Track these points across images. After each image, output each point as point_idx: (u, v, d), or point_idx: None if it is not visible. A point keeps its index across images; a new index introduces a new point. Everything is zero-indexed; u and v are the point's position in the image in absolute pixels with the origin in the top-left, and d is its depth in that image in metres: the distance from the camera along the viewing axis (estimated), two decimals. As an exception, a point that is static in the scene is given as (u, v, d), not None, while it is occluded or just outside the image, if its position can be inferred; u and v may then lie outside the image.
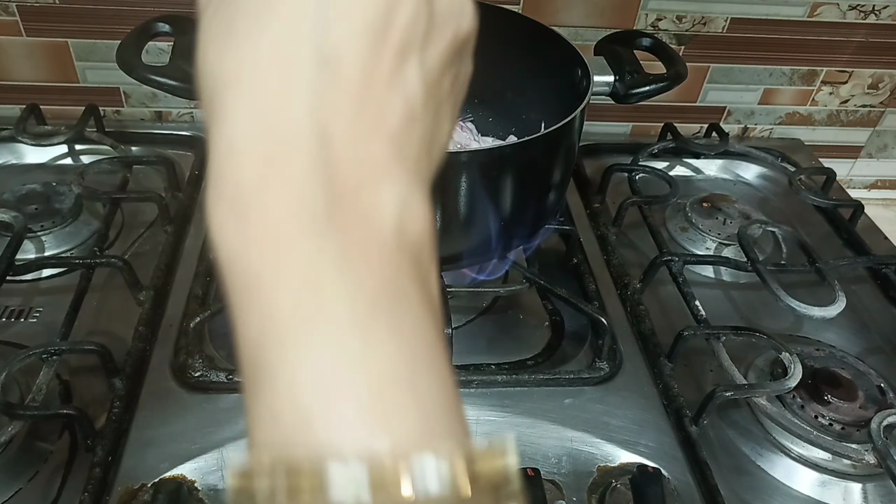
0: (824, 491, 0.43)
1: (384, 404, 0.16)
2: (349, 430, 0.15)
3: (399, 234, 0.18)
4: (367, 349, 0.16)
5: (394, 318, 0.17)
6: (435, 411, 0.17)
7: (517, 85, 0.58)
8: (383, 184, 0.18)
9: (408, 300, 0.17)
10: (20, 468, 0.39)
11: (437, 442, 0.16)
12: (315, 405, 0.16)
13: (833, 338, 0.53)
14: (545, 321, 0.52)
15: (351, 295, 0.16)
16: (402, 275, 0.17)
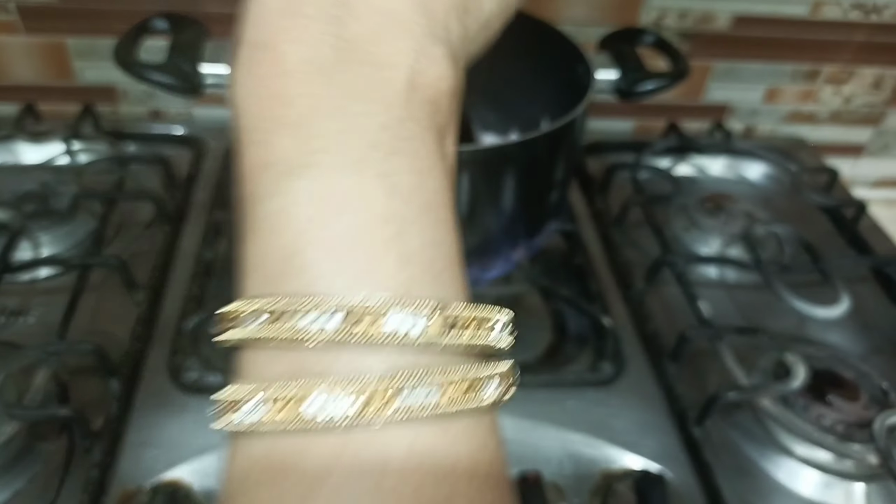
0: (827, 492, 0.42)
1: (368, 251, 0.16)
2: (330, 275, 0.15)
3: (409, 86, 0.17)
4: (355, 193, 0.16)
5: (391, 165, 0.17)
6: (422, 264, 0.16)
7: (519, 82, 0.57)
8: (399, 35, 0.18)
9: (411, 150, 0.17)
10: (18, 469, 0.39)
11: (417, 296, 0.16)
12: (298, 249, 0.16)
13: (836, 338, 0.53)
14: (547, 322, 0.52)
15: (346, 139, 0.16)
16: (407, 125, 0.17)
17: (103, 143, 0.62)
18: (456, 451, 0.15)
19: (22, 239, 0.51)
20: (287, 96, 0.17)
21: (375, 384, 0.15)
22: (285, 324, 0.15)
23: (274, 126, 0.17)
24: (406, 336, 0.15)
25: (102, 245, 0.53)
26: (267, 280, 0.16)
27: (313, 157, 0.16)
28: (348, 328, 0.15)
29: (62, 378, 0.44)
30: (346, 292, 0.15)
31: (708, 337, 0.48)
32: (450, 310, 0.16)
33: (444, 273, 0.17)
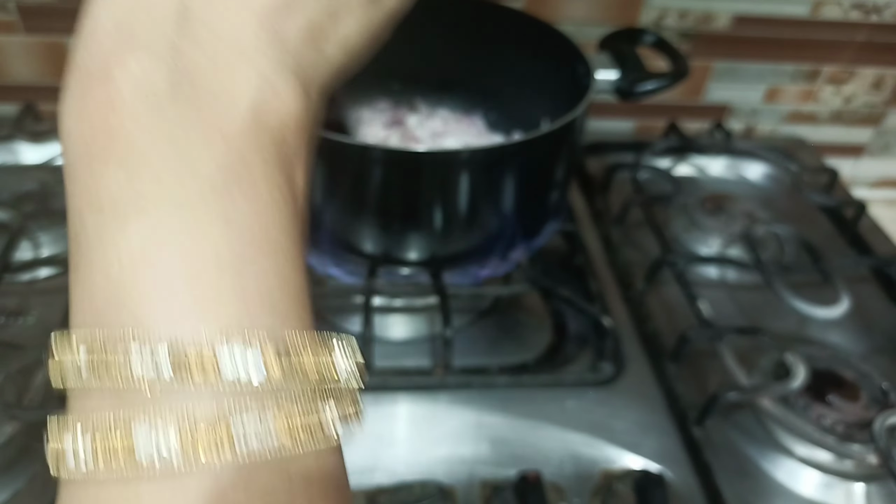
0: (827, 492, 0.42)
1: (200, 288, 0.15)
2: (158, 310, 0.15)
3: (252, 119, 0.17)
4: (191, 231, 0.15)
5: (228, 204, 0.16)
6: (261, 301, 0.16)
7: (519, 82, 0.57)
8: (241, 64, 0.17)
9: (251, 188, 0.16)
10: (18, 469, 0.39)
11: (252, 330, 0.15)
12: (126, 282, 0.15)
13: (836, 338, 0.53)
14: (547, 322, 0.52)
15: (180, 178, 0.15)
16: (248, 161, 0.16)
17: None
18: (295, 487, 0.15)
19: (22, 239, 0.51)
20: (116, 130, 0.16)
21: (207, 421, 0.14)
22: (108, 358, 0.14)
23: (101, 162, 0.16)
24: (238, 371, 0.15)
25: (102, 245, 0.53)
26: (92, 317, 0.15)
27: (143, 200, 0.15)
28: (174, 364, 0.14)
29: (62, 378, 0.44)
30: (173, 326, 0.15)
31: (708, 337, 0.48)
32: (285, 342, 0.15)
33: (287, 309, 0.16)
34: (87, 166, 0.16)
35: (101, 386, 0.15)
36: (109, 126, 0.16)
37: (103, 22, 0.17)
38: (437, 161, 0.42)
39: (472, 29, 0.57)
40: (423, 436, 0.42)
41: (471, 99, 0.60)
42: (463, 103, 0.61)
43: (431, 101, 0.61)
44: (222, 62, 0.17)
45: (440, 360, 0.46)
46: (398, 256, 0.47)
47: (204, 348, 0.14)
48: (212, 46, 0.17)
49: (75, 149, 0.16)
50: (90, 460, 0.14)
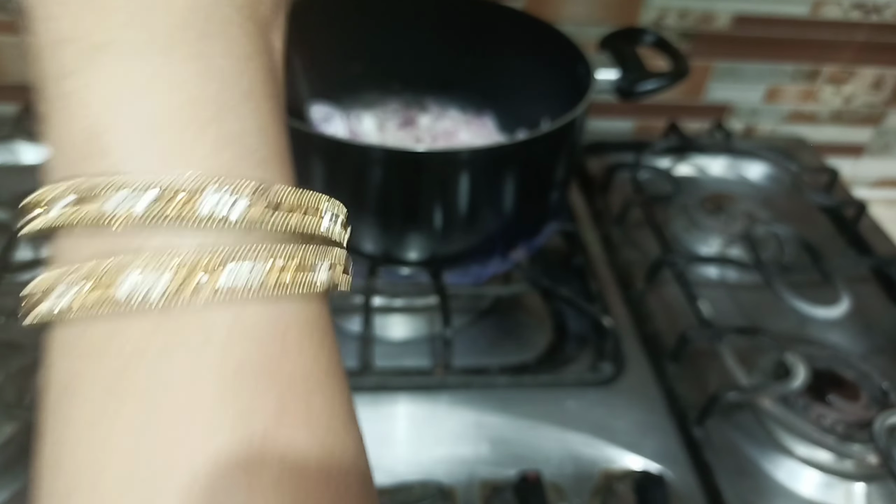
0: (827, 492, 0.42)
1: (180, 132, 0.14)
2: (139, 153, 0.14)
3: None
4: (164, 72, 0.15)
5: (204, 47, 0.15)
6: (244, 148, 0.15)
7: (520, 82, 0.57)
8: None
9: (228, 35, 0.16)
10: (18, 469, 0.39)
11: (241, 180, 0.15)
12: (104, 126, 0.14)
13: (836, 338, 0.53)
14: (547, 322, 0.52)
15: (150, 15, 0.15)
16: (223, 8, 0.16)
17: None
18: (284, 328, 0.15)
19: (22, 239, 0.51)
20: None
21: (193, 261, 0.14)
22: (90, 206, 0.14)
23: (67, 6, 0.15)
24: (226, 215, 0.14)
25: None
26: (69, 164, 0.15)
27: (115, 33, 0.15)
28: (160, 208, 0.14)
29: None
30: (158, 171, 0.14)
31: (708, 337, 0.48)
32: (273, 192, 0.15)
33: (269, 160, 0.16)
34: (54, 14, 0.15)
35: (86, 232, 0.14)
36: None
37: None
38: (437, 161, 0.42)
39: (472, 29, 0.57)
40: (423, 436, 0.42)
41: (470, 99, 0.60)
42: (462, 103, 0.61)
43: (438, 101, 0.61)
44: None
45: (440, 360, 0.46)
46: (398, 256, 0.47)
47: (191, 199, 0.14)
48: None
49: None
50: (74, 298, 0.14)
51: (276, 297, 0.15)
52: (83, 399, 0.14)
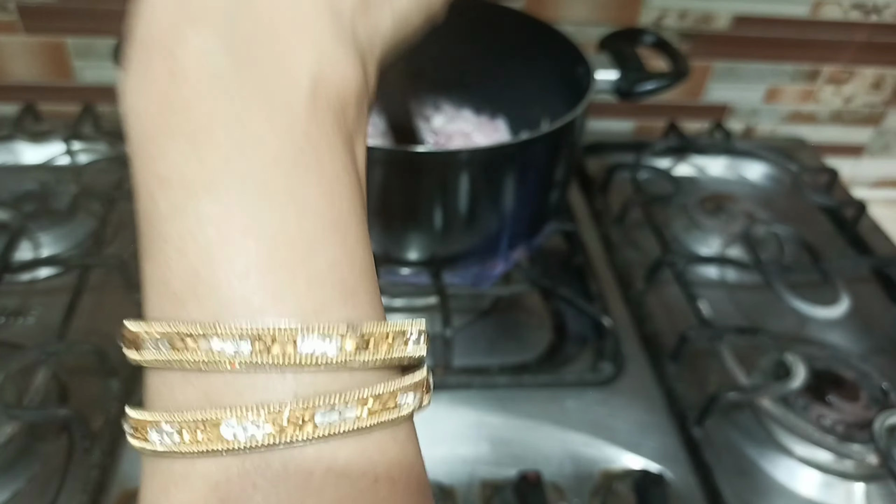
0: (827, 492, 0.42)
1: (275, 274, 0.15)
2: (237, 300, 0.15)
3: (313, 92, 0.16)
4: (261, 213, 0.15)
5: (295, 180, 0.16)
6: (332, 284, 0.16)
7: (519, 83, 0.57)
8: (300, 36, 0.17)
9: (316, 162, 0.16)
10: (18, 469, 0.39)
11: (328, 318, 0.15)
12: (202, 272, 0.15)
13: (836, 338, 0.53)
14: (547, 322, 0.52)
15: (246, 153, 0.15)
16: (311, 135, 0.16)
17: (103, 143, 0.62)
18: (376, 462, 0.15)
19: (22, 239, 0.51)
20: (182, 105, 0.16)
21: (293, 407, 0.14)
22: (198, 346, 0.14)
23: (169, 139, 0.16)
24: (318, 361, 0.15)
25: (102, 245, 0.53)
26: (173, 302, 0.15)
27: (213, 174, 0.15)
28: (255, 357, 0.14)
29: (62, 378, 0.44)
30: (255, 317, 0.15)
31: (708, 337, 0.48)
32: (362, 329, 0.15)
33: (357, 291, 0.16)
34: (154, 142, 0.16)
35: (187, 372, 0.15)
36: (173, 101, 0.16)
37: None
38: (437, 161, 0.42)
39: (471, 29, 0.57)
40: (423, 436, 0.42)
41: (471, 98, 0.60)
42: (462, 103, 0.61)
43: (437, 101, 0.61)
44: (281, 35, 0.17)
45: (440, 360, 0.46)
46: (398, 256, 0.47)
47: (287, 346, 0.15)
48: (269, 20, 0.17)
49: (140, 125, 0.16)
50: (175, 436, 0.14)
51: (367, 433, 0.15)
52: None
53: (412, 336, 0.16)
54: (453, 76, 0.60)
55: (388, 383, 0.16)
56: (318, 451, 0.15)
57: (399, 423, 0.16)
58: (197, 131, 0.15)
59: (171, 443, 0.15)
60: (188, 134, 0.15)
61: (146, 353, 0.15)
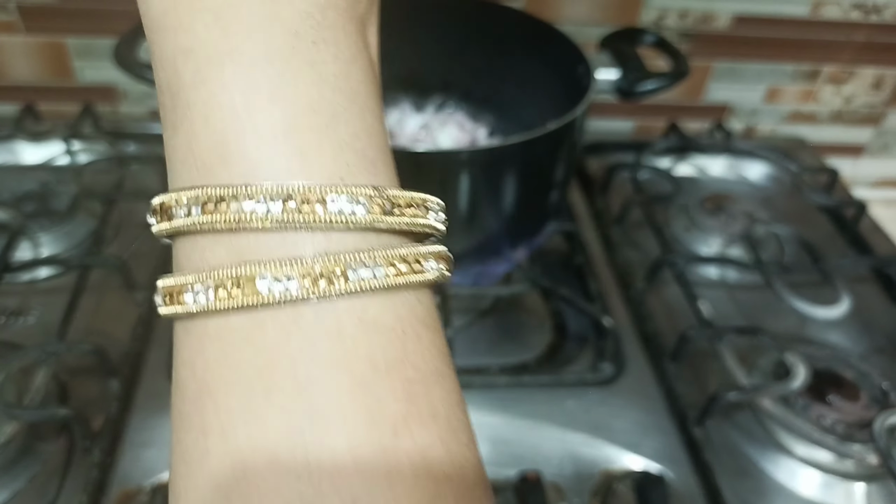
0: (827, 492, 0.42)
1: (301, 138, 0.16)
2: (266, 163, 0.15)
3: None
4: (285, 80, 0.16)
5: (316, 53, 0.16)
6: (355, 151, 0.16)
7: (519, 83, 0.57)
8: None
9: (334, 39, 0.17)
10: (18, 469, 0.39)
11: (354, 181, 0.16)
12: (232, 135, 0.15)
13: (836, 338, 0.53)
14: (547, 322, 0.52)
15: (268, 26, 0.16)
16: (327, 13, 0.17)
17: (103, 143, 0.62)
18: (403, 317, 0.16)
19: (22, 239, 0.51)
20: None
21: (324, 262, 0.15)
22: (228, 207, 0.15)
23: (191, 11, 0.16)
24: (347, 220, 0.15)
25: (102, 245, 0.53)
26: (201, 169, 0.16)
27: (237, 44, 0.16)
28: (288, 215, 0.15)
29: (62, 378, 0.44)
30: (284, 178, 0.15)
31: (708, 337, 0.48)
32: (386, 195, 0.16)
33: (377, 160, 0.17)
34: (175, 14, 0.16)
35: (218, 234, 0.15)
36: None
37: None
38: (436, 161, 0.42)
39: (471, 29, 0.57)
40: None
41: (470, 99, 0.60)
42: (462, 103, 0.61)
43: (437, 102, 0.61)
44: None
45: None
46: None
47: (316, 205, 0.15)
48: None
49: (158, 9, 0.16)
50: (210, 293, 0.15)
51: (393, 293, 0.16)
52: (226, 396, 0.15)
53: (433, 205, 0.17)
54: (453, 76, 0.60)
55: (413, 247, 0.16)
56: (350, 305, 0.15)
57: (423, 287, 0.17)
58: (219, 5, 0.16)
59: (206, 301, 0.15)
60: (210, 8, 0.16)
61: (176, 221, 0.15)
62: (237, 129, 0.15)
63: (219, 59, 0.16)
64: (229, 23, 0.16)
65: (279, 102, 0.15)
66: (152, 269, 0.51)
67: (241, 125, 0.15)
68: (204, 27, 0.16)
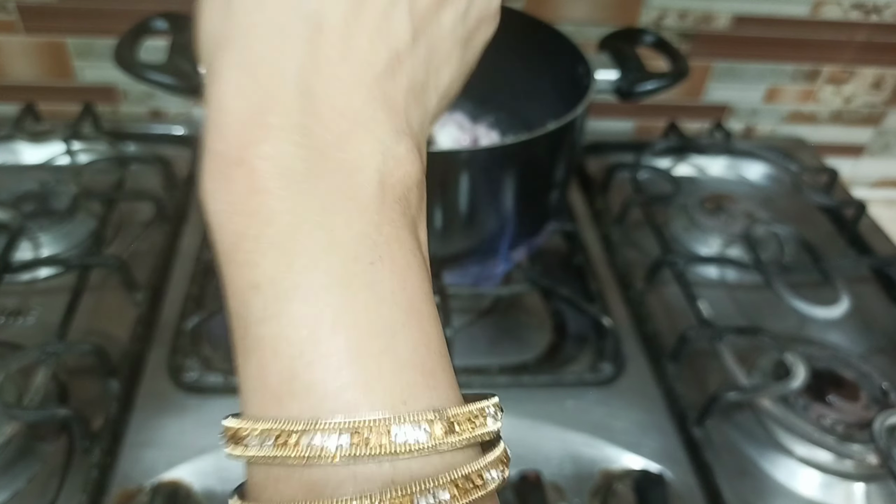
0: (827, 492, 0.42)
1: (364, 366, 0.16)
2: (331, 396, 0.16)
3: (380, 189, 0.18)
4: (346, 308, 0.16)
5: (374, 274, 0.17)
6: (415, 368, 0.17)
7: (519, 83, 0.57)
8: (363, 137, 0.18)
9: (390, 254, 0.17)
10: (18, 469, 0.39)
11: (415, 406, 0.16)
12: (298, 370, 0.16)
13: (836, 338, 0.53)
14: (547, 322, 0.52)
15: (329, 252, 0.17)
16: (383, 229, 0.17)
17: (103, 143, 0.62)
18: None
19: (22, 239, 0.51)
20: (266, 214, 0.17)
21: (391, 494, 0.15)
22: (299, 442, 0.15)
23: (256, 246, 0.17)
24: (412, 446, 0.16)
25: (102, 245, 0.53)
26: (271, 401, 0.16)
27: (301, 278, 0.16)
28: (354, 449, 0.15)
29: (62, 378, 0.44)
30: (350, 411, 0.16)
31: (708, 337, 0.48)
32: (447, 413, 0.16)
33: (436, 370, 0.17)
34: (241, 249, 0.17)
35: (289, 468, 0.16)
36: (255, 208, 0.17)
37: (233, 108, 0.17)
38: (436, 161, 0.42)
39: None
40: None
41: (470, 99, 0.60)
42: (462, 103, 0.61)
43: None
44: (347, 137, 0.18)
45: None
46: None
47: (382, 436, 0.15)
48: (334, 121, 0.18)
49: (225, 233, 0.17)
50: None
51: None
52: None
53: (490, 412, 0.17)
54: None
55: (475, 463, 0.17)
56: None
57: (486, 499, 0.17)
58: (282, 239, 0.17)
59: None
60: (274, 242, 0.17)
61: (250, 450, 0.16)
62: (304, 363, 0.16)
63: (285, 294, 0.16)
64: (293, 258, 0.16)
65: (342, 332, 0.16)
66: (152, 269, 0.52)
67: (308, 359, 0.16)
68: (268, 262, 0.16)
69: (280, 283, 0.16)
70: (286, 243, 0.16)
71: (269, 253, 0.16)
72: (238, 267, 0.17)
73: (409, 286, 0.17)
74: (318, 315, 0.16)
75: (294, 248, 0.16)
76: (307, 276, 0.16)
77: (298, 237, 0.17)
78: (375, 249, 0.17)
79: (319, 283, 0.16)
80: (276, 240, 0.17)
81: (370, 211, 0.17)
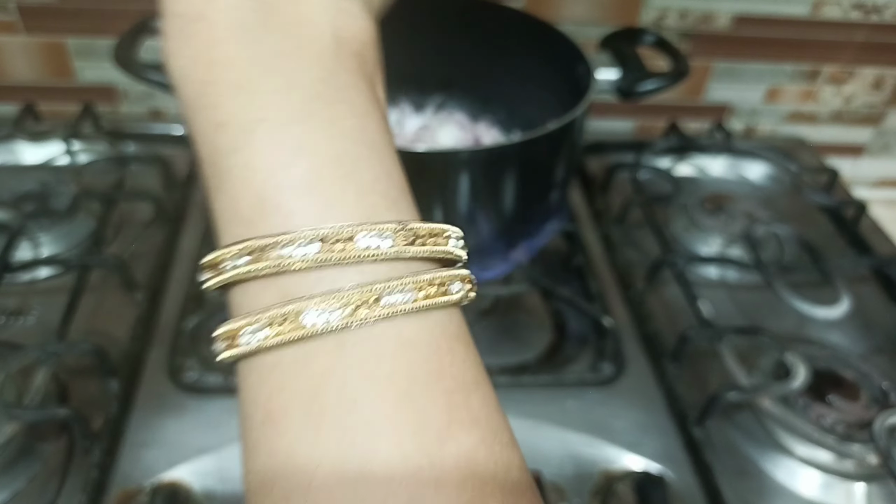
0: (827, 492, 0.42)
1: (329, 187, 0.17)
2: (300, 212, 0.17)
3: (335, 41, 0.19)
4: (308, 138, 0.18)
5: (333, 112, 0.18)
6: (377, 193, 0.18)
7: (519, 83, 0.57)
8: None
9: (348, 98, 0.19)
10: (18, 469, 0.39)
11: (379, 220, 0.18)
12: (267, 194, 0.17)
13: (836, 338, 0.53)
14: (547, 322, 0.52)
15: (289, 94, 0.18)
16: (340, 76, 0.19)
17: (103, 143, 0.62)
18: (437, 335, 0.18)
19: (22, 239, 0.51)
20: (227, 61, 0.18)
21: (360, 292, 0.17)
22: (269, 255, 0.17)
23: (219, 89, 0.18)
24: (376, 251, 0.17)
25: (102, 245, 0.53)
26: (244, 225, 0.17)
27: (263, 113, 0.18)
28: (324, 255, 0.17)
29: (62, 378, 0.44)
30: (318, 224, 0.17)
31: (708, 337, 0.48)
32: (409, 228, 0.18)
33: (398, 199, 0.19)
34: (204, 94, 0.18)
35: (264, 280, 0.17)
36: (215, 57, 0.18)
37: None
38: (437, 161, 0.42)
39: (471, 29, 0.57)
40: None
41: (470, 99, 0.60)
42: (462, 103, 0.61)
43: (438, 102, 0.61)
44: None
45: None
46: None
47: (347, 243, 0.17)
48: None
49: (188, 82, 0.19)
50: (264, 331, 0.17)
51: (425, 314, 0.18)
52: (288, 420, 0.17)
53: (453, 234, 0.19)
54: (453, 76, 0.60)
55: (438, 272, 0.18)
56: (386, 329, 0.17)
57: (451, 307, 0.18)
58: (244, 81, 0.18)
59: (261, 338, 0.17)
60: (237, 85, 0.18)
61: (227, 273, 0.17)
62: (272, 186, 0.17)
63: (249, 127, 0.18)
64: (255, 96, 0.18)
65: (305, 158, 0.17)
66: (152, 268, 0.52)
67: (275, 182, 0.17)
68: (233, 102, 0.18)
69: (244, 117, 0.18)
70: (248, 84, 0.18)
71: (232, 93, 0.18)
72: (203, 110, 0.18)
73: (370, 128, 0.19)
74: (283, 143, 0.17)
75: (256, 88, 0.18)
76: (270, 111, 0.18)
77: (260, 80, 0.18)
78: (333, 92, 0.19)
79: (282, 116, 0.18)
80: (238, 82, 0.18)
81: (325, 59, 0.19)
